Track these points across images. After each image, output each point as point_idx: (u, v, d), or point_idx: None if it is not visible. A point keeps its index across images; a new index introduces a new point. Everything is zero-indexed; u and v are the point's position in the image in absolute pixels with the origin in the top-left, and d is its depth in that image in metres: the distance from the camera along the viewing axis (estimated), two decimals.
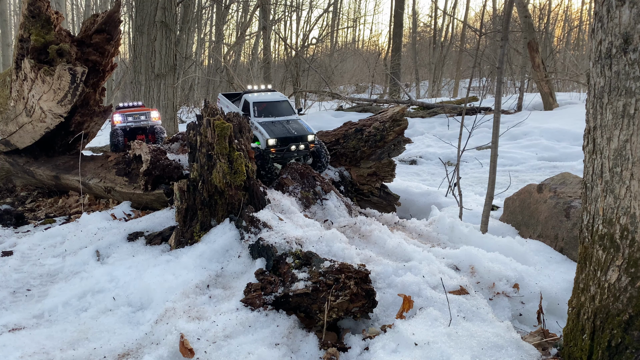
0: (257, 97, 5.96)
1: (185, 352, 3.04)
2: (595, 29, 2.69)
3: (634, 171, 2.51)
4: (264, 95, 6.09)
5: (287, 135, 5.58)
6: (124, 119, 7.78)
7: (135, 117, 7.88)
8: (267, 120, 5.76)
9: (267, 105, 5.91)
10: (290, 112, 6.00)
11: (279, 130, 5.62)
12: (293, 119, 5.89)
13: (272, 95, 6.13)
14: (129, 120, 7.77)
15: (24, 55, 6.19)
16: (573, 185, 5.26)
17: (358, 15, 43.63)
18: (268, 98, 6.00)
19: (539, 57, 15.83)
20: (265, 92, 6.26)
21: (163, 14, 11.57)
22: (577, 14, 33.73)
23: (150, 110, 8.18)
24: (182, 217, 4.62)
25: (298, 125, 5.80)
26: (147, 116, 7.98)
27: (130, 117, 7.78)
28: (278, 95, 6.14)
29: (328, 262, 3.55)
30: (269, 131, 5.59)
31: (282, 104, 6.03)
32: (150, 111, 8.10)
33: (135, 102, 8.99)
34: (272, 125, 5.68)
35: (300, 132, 5.66)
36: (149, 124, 7.93)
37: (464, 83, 31.08)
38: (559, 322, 3.61)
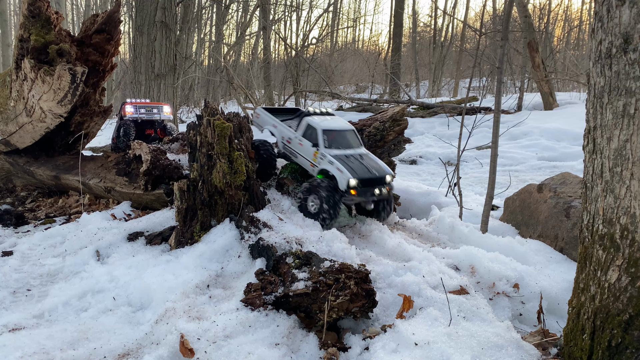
0: (324, 122, 5.04)
1: (185, 352, 3.04)
2: (595, 29, 2.69)
3: (634, 171, 2.51)
4: (330, 121, 5.15)
5: (370, 177, 4.64)
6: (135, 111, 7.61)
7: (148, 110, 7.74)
8: (341, 154, 4.80)
9: (336, 135, 5.00)
10: (358, 144, 5.10)
11: (360, 169, 4.66)
12: (365, 154, 5.00)
13: (339, 122, 5.20)
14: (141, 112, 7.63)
15: (24, 55, 6.19)
16: (573, 185, 5.26)
17: (358, 15, 43.66)
18: (336, 125, 5.09)
19: (539, 57, 15.83)
20: (325, 115, 5.33)
21: (163, 14, 11.57)
22: (577, 14, 33.77)
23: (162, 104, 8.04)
24: (182, 217, 4.62)
25: (375, 163, 4.89)
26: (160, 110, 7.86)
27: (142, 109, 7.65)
28: (344, 123, 5.22)
29: (328, 262, 3.55)
30: (350, 169, 4.60)
31: (350, 133, 5.12)
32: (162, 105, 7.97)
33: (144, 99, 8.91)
34: (349, 161, 4.71)
35: (380, 172, 4.74)
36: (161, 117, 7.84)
37: (464, 83, 31.09)
38: (559, 322, 3.61)
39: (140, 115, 7.79)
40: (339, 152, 4.84)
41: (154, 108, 7.91)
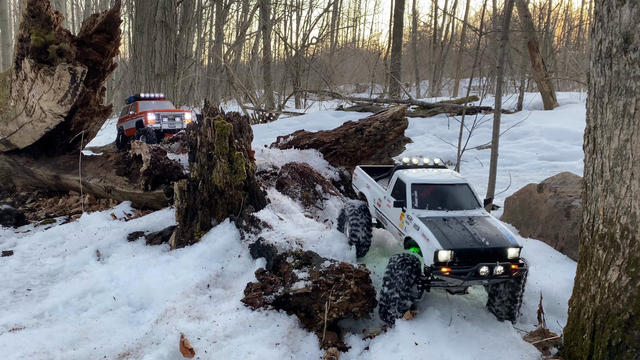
0: (417, 175, 3.84)
1: (185, 351, 3.04)
2: (595, 29, 2.69)
3: (634, 171, 2.51)
4: (428, 173, 3.93)
5: (473, 247, 3.22)
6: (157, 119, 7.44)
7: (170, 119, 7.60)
8: (436, 216, 3.53)
9: (434, 190, 3.72)
10: (473, 204, 3.69)
11: (458, 236, 3.30)
12: (479, 217, 3.54)
13: (442, 174, 3.93)
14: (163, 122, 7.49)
15: (24, 55, 6.20)
16: (573, 185, 5.25)
17: (358, 14, 43.66)
18: (436, 179, 3.80)
19: (539, 56, 15.82)
20: (429, 168, 4.10)
21: (163, 14, 11.57)
22: (577, 14, 33.75)
23: (184, 111, 7.90)
24: (182, 216, 4.62)
25: (490, 228, 3.39)
26: (182, 118, 7.71)
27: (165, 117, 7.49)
28: (451, 176, 3.88)
29: (328, 261, 3.55)
30: (441, 236, 3.29)
31: (459, 188, 3.75)
32: (184, 113, 7.82)
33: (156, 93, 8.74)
34: (445, 226, 3.40)
35: (495, 241, 3.25)
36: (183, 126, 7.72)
37: (464, 82, 31.08)
38: (560, 322, 3.61)
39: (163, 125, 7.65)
40: (436, 213, 3.55)
41: (176, 116, 7.71)
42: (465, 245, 3.24)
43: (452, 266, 3.18)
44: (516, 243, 3.25)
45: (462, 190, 3.76)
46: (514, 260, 3.21)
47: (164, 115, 7.68)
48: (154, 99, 8.64)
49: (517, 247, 3.23)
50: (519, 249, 3.24)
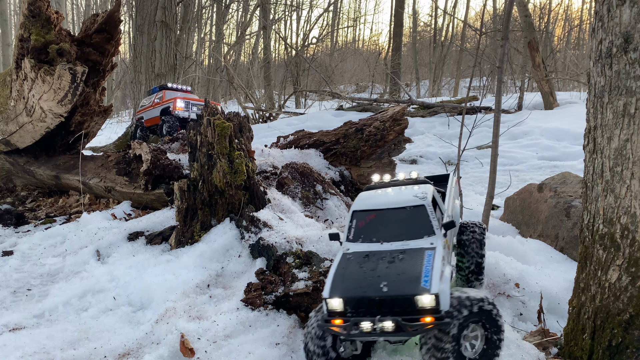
0: (365, 200, 3.22)
1: (185, 351, 3.04)
2: (595, 29, 2.69)
3: (634, 170, 2.51)
4: (382, 195, 3.24)
5: (366, 295, 2.56)
6: (186, 107, 6.88)
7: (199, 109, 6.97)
8: (359, 251, 2.90)
9: (375, 217, 3.08)
10: (425, 231, 2.93)
11: (358, 280, 2.66)
12: (414, 249, 2.80)
13: (399, 194, 3.18)
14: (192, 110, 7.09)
15: (24, 55, 6.20)
16: (573, 185, 5.25)
17: (358, 14, 43.65)
18: (382, 202, 3.14)
19: (539, 56, 15.82)
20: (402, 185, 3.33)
21: (163, 14, 11.57)
22: (577, 14, 33.74)
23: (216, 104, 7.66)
24: (182, 216, 4.62)
25: (411, 267, 2.65)
26: None
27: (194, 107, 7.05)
28: (410, 195, 3.12)
29: (328, 261, 3.56)
30: (337, 280, 2.71)
31: (409, 212, 3.02)
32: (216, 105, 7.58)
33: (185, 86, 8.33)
34: (357, 265, 2.77)
35: (396, 287, 2.54)
36: None
37: (464, 82, 31.09)
38: (560, 322, 3.61)
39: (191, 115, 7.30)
40: (365, 247, 2.93)
41: None
42: (357, 292, 2.58)
43: (345, 317, 2.58)
44: (430, 288, 2.46)
45: (413, 214, 2.99)
46: (431, 310, 2.45)
47: (193, 104, 7.29)
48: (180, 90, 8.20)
49: (433, 294, 2.43)
50: (435, 296, 2.43)
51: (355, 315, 2.56)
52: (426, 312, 2.46)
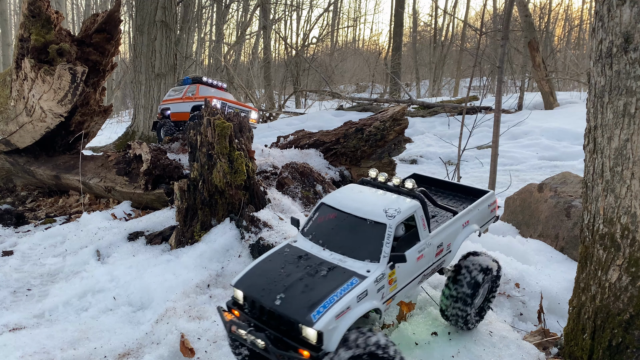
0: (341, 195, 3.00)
1: (185, 351, 3.04)
2: (595, 28, 2.68)
3: (634, 170, 2.51)
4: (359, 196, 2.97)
5: (262, 300, 2.45)
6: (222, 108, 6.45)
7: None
8: (298, 248, 2.80)
9: (335, 218, 2.87)
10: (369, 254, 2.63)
11: (270, 280, 2.56)
12: (344, 270, 2.57)
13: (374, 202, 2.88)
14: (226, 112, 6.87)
15: (24, 54, 6.19)
16: (574, 185, 5.25)
17: (358, 14, 43.64)
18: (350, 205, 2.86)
19: (539, 56, 15.82)
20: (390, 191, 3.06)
21: (163, 14, 11.57)
22: (577, 13, 33.72)
23: (251, 108, 7.06)
24: (182, 216, 4.62)
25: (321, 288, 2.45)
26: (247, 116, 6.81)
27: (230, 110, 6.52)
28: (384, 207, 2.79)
29: None
30: (253, 271, 2.66)
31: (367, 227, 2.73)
32: (251, 110, 7.00)
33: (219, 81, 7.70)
34: (285, 263, 2.68)
35: (288, 307, 2.38)
36: None
37: (464, 82, 31.08)
38: (560, 322, 3.61)
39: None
40: (307, 246, 2.80)
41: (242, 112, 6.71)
42: (256, 293, 2.47)
43: (242, 311, 2.50)
44: (315, 322, 2.23)
45: (370, 231, 2.69)
46: (311, 346, 2.25)
47: (229, 107, 6.64)
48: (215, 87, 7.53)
49: (315, 329, 2.22)
50: (318, 333, 2.22)
51: (249, 315, 2.49)
52: (306, 345, 2.28)
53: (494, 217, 3.53)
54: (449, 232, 3.06)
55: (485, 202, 3.38)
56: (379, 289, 2.53)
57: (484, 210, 3.37)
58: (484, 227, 3.44)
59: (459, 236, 3.15)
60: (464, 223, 3.17)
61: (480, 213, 3.33)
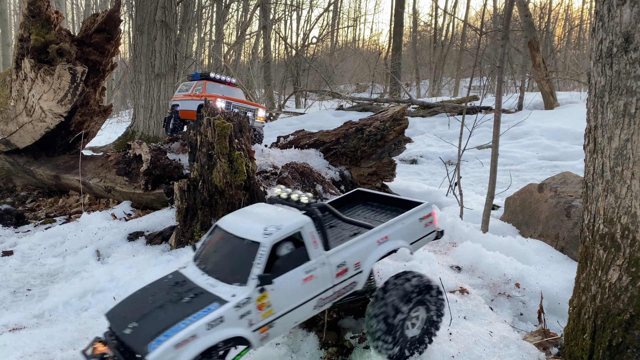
0: (236, 215, 2.86)
1: None
2: (596, 28, 2.68)
3: (634, 170, 2.51)
4: (250, 214, 2.83)
5: (118, 329, 2.35)
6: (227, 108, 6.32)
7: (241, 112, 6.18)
8: (182, 275, 2.64)
9: (219, 240, 2.70)
10: (239, 277, 2.44)
11: (134, 308, 2.46)
12: (209, 296, 2.41)
13: (259, 219, 2.70)
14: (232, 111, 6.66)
15: (24, 54, 6.19)
16: (574, 185, 5.25)
17: (358, 14, 43.63)
18: (234, 226, 2.68)
19: (539, 56, 15.82)
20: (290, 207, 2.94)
21: (163, 14, 11.57)
22: (577, 13, 33.72)
23: (258, 106, 6.86)
24: (182, 216, 4.62)
25: (175, 315, 2.31)
26: (254, 114, 6.68)
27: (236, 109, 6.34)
28: (262, 225, 2.58)
29: None
30: (132, 297, 2.58)
31: (241, 247, 2.55)
32: (258, 108, 6.83)
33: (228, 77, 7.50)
34: (158, 290, 2.55)
35: (135, 337, 2.27)
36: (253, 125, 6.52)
37: (464, 82, 31.07)
38: (560, 322, 3.61)
39: None
40: (191, 272, 2.64)
41: (248, 110, 6.54)
42: (115, 321, 2.40)
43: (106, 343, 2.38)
44: (150, 353, 2.10)
45: (246, 251, 2.49)
46: None
47: (235, 106, 6.42)
48: (224, 83, 7.31)
49: None
50: None
51: (114, 347, 2.34)
52: None
53: (433, 232, 3.11)
54: (357, 250, 2.73)
55: (413, 216, 3.01)
56: (242, 315, 2.32)
57: (412, 224, 2.99)
58: (418, 244, 3.05)
59: (372, 254, 2.79)
60: (379, 239, 2.82)
61: (406, 228, 2.95)
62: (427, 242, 3.12)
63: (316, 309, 2.61)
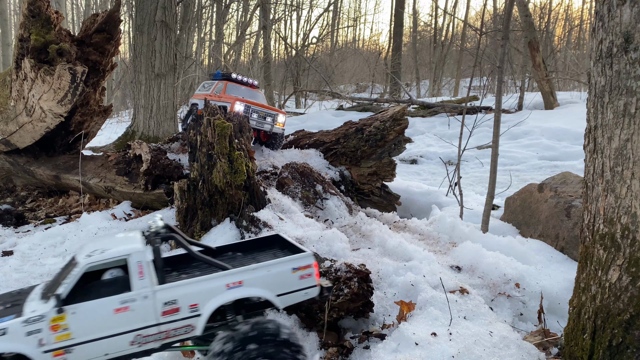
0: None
1: (185, 351, 3.04)
2: (596, 28, 2.68)
3: (634, 170, 2.51)
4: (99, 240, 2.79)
5: None
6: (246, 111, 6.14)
7: (260, 117, 6.27)
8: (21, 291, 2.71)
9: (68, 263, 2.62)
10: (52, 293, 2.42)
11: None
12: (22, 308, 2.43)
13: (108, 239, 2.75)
14: (252, 117, 6.23)
15: (24, 54, 6.19)
16: (574, 185, 5.25)
17: (358, 14, 43.62)
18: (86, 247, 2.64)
19: (539, 56, 15.81)
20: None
21: (163, 14, 11.57)
22: (577, 13, 33.70)
23: (279, 111, 6.59)
24: (182, 216, 4.62)
25: None
26: (274, 119, 6.44)
27: (255, 113, 6.22)
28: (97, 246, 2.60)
29: (329, 261, 3.55)
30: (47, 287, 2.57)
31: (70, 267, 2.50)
32: (279, 114, 6.55)
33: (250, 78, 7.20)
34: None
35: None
36: (272, 130, 6.44)
37: (464, 82, 31.06)
38: (560, 322, 3.61)
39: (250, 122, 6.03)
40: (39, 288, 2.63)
41: (267, 115, 6.32)
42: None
43: None
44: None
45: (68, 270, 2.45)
46: None
47: (254, 110, 6.23)
48: (245, 84, 7.07)
49: None
50: None
51: None
52: None
53: (313, 287, 2.76)
54: (196, 290, 2.51)
55: (283, 265, 2.70)
56: (30, 331, 2.25)
57: (281, 274, 2.68)
58: (290, 299, 2.72)
59: (216, 298, 2.53)
60: (230, 283, 2.56)
61: (272, 277, 2.66)
62: (304, 298, 2.76)
63: (135, 345, 2.41)
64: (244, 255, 3.10)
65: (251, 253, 3.11)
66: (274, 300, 2.66)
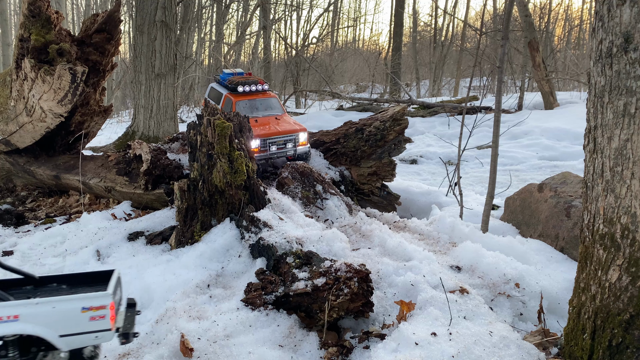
0: None
1: (185, 351, 3.04)
2: (595, 28, 2.68)
3: (634, 170, 2.51)
4: None
5: None
6: (264, 146, 5.45)
7: (279, 145, 5.59)
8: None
9: None
10: None
11: None
12: None
13: None
14: (271, 150, 5.58)
15: (24, 54, 6.20)
16: (574, 185, 5.25)
17: (358, 14, 43.60)
18: None
19: (539, 56, 15.81)
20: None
21: (163, 14, 11.57)
22: (577, 13, 33.70)
23: (298, 131, 5.80)
24: (182, 216, 4.62)
25: None
26: (295, 143, 5.77)
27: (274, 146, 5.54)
28: None
29: (328, 261, 3.55)
30: None
31: None
32: (299, 133, 5.84)
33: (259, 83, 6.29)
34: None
35: None
36: (296, 153, 5.81)
37: (464, 82, 31.05)
38: (560, 322, 3.61)
39: (271, 154, 5.48)
40: None
41: (287, 142, 5.69)
42: None
43: None
44: None
45: None
46: None
47: (272, 143, 5.53)
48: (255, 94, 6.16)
49: None
50: None
51: None
52: None
53: (107, 331, 2.45)
54: None
55: (71, 302, 2.37)
56: None
57: (67, 312, 2.36)
58: (77, 341, 2.41)
59: None
60: (3, 316, 2.28)
61: (56, 314, 2.34)
62: (95, 342, 2.46)
63: None
64: (69, 288, 2.71)
65: (78, 287, 2.72)
66: (55, 341, 2.34)
